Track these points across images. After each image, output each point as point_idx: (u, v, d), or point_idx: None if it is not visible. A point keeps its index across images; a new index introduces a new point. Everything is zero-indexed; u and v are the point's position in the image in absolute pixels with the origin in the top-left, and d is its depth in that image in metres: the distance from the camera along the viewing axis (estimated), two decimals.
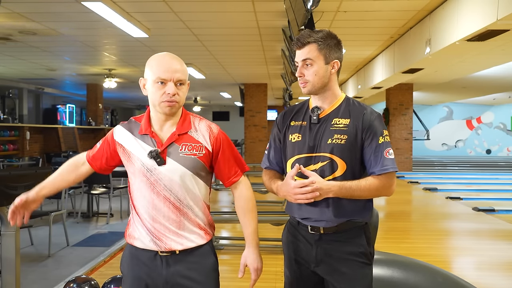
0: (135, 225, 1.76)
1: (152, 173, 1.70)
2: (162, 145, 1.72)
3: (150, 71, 1.70)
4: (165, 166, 1.69)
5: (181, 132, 1.74)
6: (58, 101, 17.42)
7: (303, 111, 1.91)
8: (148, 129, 1.74)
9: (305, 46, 1.81)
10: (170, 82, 1.67)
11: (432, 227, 6.17)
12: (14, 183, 2.86)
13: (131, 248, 1.77)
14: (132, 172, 1.74)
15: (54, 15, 5.98)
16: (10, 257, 2.76)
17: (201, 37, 7.20)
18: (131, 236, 1.77)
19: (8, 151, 10.73)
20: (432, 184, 10.50)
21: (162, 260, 1.71)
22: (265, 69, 10.65)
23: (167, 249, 1.71)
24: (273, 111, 22.30)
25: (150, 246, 1.71)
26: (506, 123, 20.68)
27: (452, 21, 5.09)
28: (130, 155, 1.74)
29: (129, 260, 1.77)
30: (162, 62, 1.69)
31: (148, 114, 1.78)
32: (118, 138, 1.78)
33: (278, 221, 4.98)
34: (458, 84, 12.24)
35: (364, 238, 1.83)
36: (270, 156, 1.96)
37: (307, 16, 4.00)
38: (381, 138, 1.78)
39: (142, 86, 1.75)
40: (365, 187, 1.74)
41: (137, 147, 1.73)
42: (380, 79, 8.79)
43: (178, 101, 1.70)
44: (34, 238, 5.35)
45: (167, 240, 1.71)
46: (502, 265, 4.49)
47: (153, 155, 1.69)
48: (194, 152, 1.73)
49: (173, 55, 1.73)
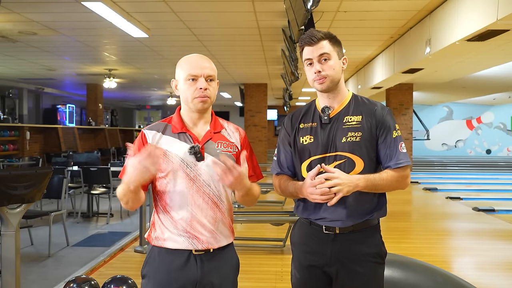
0: (163, 226, 1.74)
1: (192, 169, 1.71)
2: (199, 141, 1.74)
3: (181, 71, 1.76)
4: (204, 162, 1.72)
5: (215, 130, 1.79)
6: (58, 101, 17.42)
7: (311, 112, 1.89)
8: (183, 127, 1.76)
9: (320, 41, 1.79)
10: (201, 77, 1.72)
11: (432, 227, 6.17)
12: (14, 183, 2.86)
13: (160, 251, 1.73)
14: (170, 171, 1.71)
15: (54, 15, 5.98)
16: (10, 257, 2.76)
17: (201, 37, 7.20)
18: (159, 239, 1.74)
19: (8, 151, 10.73)
20: (432, 184, 10.51)
21: (196, 259, 1.71)
22: (265, 69, 10.65)
23: (203, 248, 1.71)
24: (273, 111, 22.32)
25: (185, 245, 1.70)
26: (506, 123, 20.67)
27: (452, 21, 5.09)
28: (166, 153, 1.72)
29: (158, 264, 1.73)
30: (191, 61, 1.76)
31: (179, 114, 1.81)
32: (152, 141, 1.76)
33: (278, 221, 4.98)
34: (458, 84, 12.24)
35: (378, 237, 1.84)
36: (280, 161, 1.93)
37: (307, 16, 4.00)
38: (394, 132, 1.81)
39: (174, 87, 1.79)
40: (387, 180, 1.77)
41: (174, 145, 1.74)
42: (380, 79, 8.79)
43: (210, 96, 1.74)
44: (34, 238, 5.35)
45: (203, 238, 1.71)
46: (502, 265, 4.49)
47: (195, 150, 1.71)
48: (229, 150, 1.78)
49: (200, 54, 1.80)
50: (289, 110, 18.17)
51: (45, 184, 3.10)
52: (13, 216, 2.84)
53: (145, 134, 1.78)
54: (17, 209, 2.88)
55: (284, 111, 20.46)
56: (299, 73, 7.80)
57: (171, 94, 16.83)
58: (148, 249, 1.81)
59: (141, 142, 1.76)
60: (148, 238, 1.80)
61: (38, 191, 3.04)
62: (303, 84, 13.12)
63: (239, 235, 5.63)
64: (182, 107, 1.81)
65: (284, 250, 4.75)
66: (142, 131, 1.80)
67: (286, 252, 4.69)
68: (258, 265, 4.37)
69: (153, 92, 16.77)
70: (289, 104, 16.62)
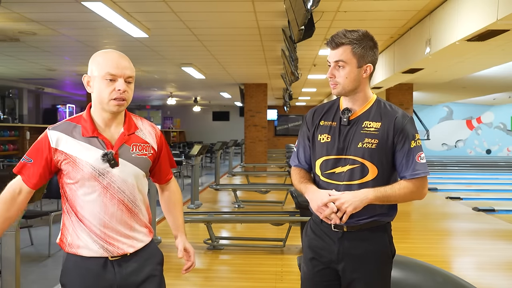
0: (77, 233, 1.65)
1: (105, 176, 1.63)
2: (113, 146, 1.65)
3: (97, 67, 1.63)
4: (118, 168, 1.64)
5: (129, 132, 1.70)
6: (58, 101, 17.41)
7: (333, 111, 1.89)
8: (94, 131, 1.64)
9: (339, 47, 1.77)
10: (120, 78, 1.62)
11: (432, 227, 6.17)
12: None
13: (75, 258, 1.66)
14: (80, 179, 1.62)
15: (54, 15, 5.97)
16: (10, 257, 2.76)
17: (201, 37, 7.20)
18: (73, 246, 1.66)
19: (8, 151, 10.73)
20: (432, 184, 10.49)
21: (114, 265, 1.66)
22: (265, 69, 10.64)
23: (119, 254, 1.66)
24: (273, 111, 22.31)
25: (100, 252, 1.64)
26: (506, 123, 20.67)
27: (452, 21, 5.09)
28: (76, 161, 1.62)
29: (74, 272, 1.67)
30: (111, 58, 1.64)
31: (90, 114, 1.68)
32: (57, 145, 1.63)
33: (278, 221, 4.98)
34: (458, 84, 12.24)
35: (387, 236, 1.85)
36: (299, 154, 1.96)
37: (307, 16, 4.00)
38: (413, 142, 1.78)
39: (86, 84, 1.67)
40: (400, 191, 1.76)
41: (84, 151, 1.62)
42: (380, 79, 8.79)
43: (127, 98, 1.65)
44: (34, 238, 5.35)
45: (119, 244, 1.66)
46: (502, 265, 4.49)
47: (108, 158, 1.61)
48: (144, 152, 1.72)
49: (119, 52, 1.68)
50: (289, 110, 18.17)
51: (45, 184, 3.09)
52: None
53: (48, 136, 1.64)
54: None
55: (284, 111, 20.46)
56: (299, 73, 7.80)
57: (171, 94, 16.82)
58: (63, 255, 1.73)
59: (43, 145, 1.63)
60: (60, 243, 1.71)
61: (38, 191, 3.02)
62: (303, 84, 13.12)
63: (239, 235, 5.63)
64: (93, 105, 1.68)
65: (284, 250, 4.75)
66: (46, 132, 1.65)
67: (286, 252, 4.69)
68: (258, 265, 4.37)
69: (153, 92, 16.76)
70: (289, 104, 16.60)
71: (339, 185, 1.79)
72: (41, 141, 1.65)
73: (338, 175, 1.80)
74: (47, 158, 1.64)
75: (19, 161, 1.68)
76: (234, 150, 14.94)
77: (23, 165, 1.66)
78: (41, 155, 1.64)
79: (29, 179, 1.65)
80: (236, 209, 7.24)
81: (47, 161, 1.64)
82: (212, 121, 23.99)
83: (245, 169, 12.57)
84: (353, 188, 1.77)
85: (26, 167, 1.66)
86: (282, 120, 23.08)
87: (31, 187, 1.67)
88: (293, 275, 3.93)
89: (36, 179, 1.66)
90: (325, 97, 17.72)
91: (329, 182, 1.82)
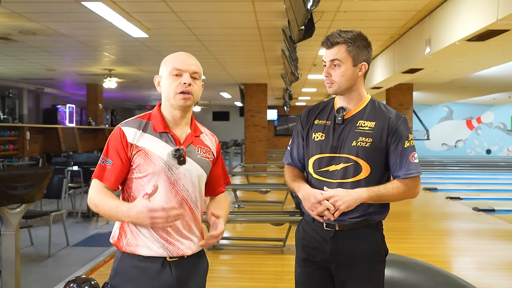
0: (136, 232, 1.63)
1: (173, 172, 1.64)
2: (181, 144, 1.67)
3: (165, 66, 1.71)
4: (185, 166, 1.66)
5: (196, 134, 1.74)
6: (58, 101, 17.41)
7: (327, 110, 1.91)
8: (166, 127, 1.68)
9: (334, 46, 1.80)
10: (186, 73, 1.67)
11: (432, 227, 6.17)
12: (14, 183, 2.85)
13: (133, 258, 1.63)
14: (151, 173, 1.62)
15: (54, 15, 5.97)
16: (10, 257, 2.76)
17: (201, 37, 7.20)
18: (131, 245, 1.64)
19: (8, 151, 10.73)
20: (432, 184, 10.50)
21: (171, 266, 1.64)
22: (265, 69, 10.64)
23: (178, 254, 1.64)
24: (273, 111, 22.31)
25: (160, 252, 1.62)
26: (506, 123, 20.67)
27: (452, 21, 5.09)
28: (148, 153, 1.63)
29: (130, 272, 1.63)
30: (177, 57, 1.71)
31: (160, 111, 1.72)
32: (133, 140, 1.64)
33: (278, 221, 4.98)
34: (458, 84, 12.24)
35: (379, 235, 1.86)
36: (292, 153, 1.97)
37: (307, 16, 4.00)
38: (406, 142, 1.81)
39: (157, 84, 1.73)
40: (393, 191, 1.78)
41: (156, 145, 1.64)
42: (380, 79, 8.79)
43: (193, 93, 1.68)
44: (34, 238, 5.35)
45: (179, 244, 1.64)
46: (502, 265, 4.49)
47: (180, 153, 1.63)
48: (207, 156, 1.74)
49: (188, 53, 1.75)
50: (289, 110, 18.17)
51: (45, 184, 3.10)
52: (13, 216, 2.84)
53: (124, 131, 1.65)
54: (17, 209, 2.88)
55: (284, 111, 20.46)
56: (299, 73, 7.80)
57: None
58: (117, 256, 1.68)
59: (121, 140, 1.64)
60: (116, 243, 1.68)
61: (38, 191, 3.04)
62: (303, 84, 13.12)
63: (239, 235, 5.63)
64: (163, 104, 1.73)
65: (284, 250, 4.75)
66: (120, 128, 1.67)
67: (286, 252, 4.69)
68: (258, 265, 4.37)
69: (153, 92, 16.75)
70: (289, 104, 16.61)
71: (332, 183, 1.81)
72: (117, 137, 1.65)
73: (332, 173, 1.82)
74: (125, 154, 1.64)
75: (99, 163, 1.66)
76: (234, 150, 14.95)
77: (101, 168, 1.65)
78: (120, 151, 1.64)
79: (113, 180, 1.64)
80: (236, 209, 7.24)
81: (125, 156, 1.64)
82: (212, 121, 24.00)
83: (245, 169, 12.57)
84: (346, 186, 1.79)
85: (103, 169, 1.64)
86: (282, 120, 23.09)
87: (111, 186, 1.65)
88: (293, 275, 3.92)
89: (118, 179, 1.65)
90: (325, 97, 17.72)
91: (322, 180, 1.83)
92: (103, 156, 1.66)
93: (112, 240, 1.70)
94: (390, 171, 1.84)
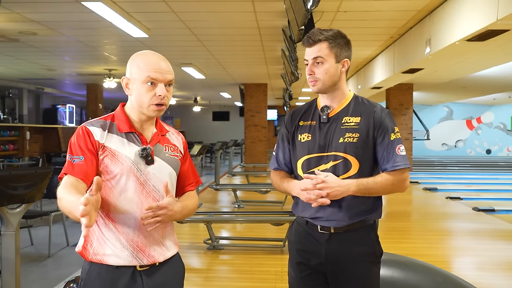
0: (104, 239, 1.54)
1: (142, 172, 1.57)
2: (148, 143, 1.61)
3: (137, 69, 1.58)
4: (154, 166, 1.59)
5: (162, 133, 1.69)
6: (58, 101, 17.41)
7: (311, 110, 1.91)
8: (131, 127, 1.61)
9: (316, 44, 1.80)
10: (161, 83, 1.57)
11: (432, 227, 6.17)
12: (14, 183, 2.85)
13: (100, 268, 1.53)
14: (118, 173, 1.55)
15: (54, 15, 5.97)
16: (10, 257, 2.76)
17: (201, 37, 7.20)
18: (98, 254, 1.53)
19: (8, 151, 10.73)
20: (432, 184, 10.51)
21: (142, 275, 1.55)
22: (265, 69, 10.64)
23: (149, 262, 1.56)
24: (273, 111, 22.31)
25: (129, 261, 1.53)
26: (506, 123, 20.66)
27: (452, 21, 5.09)
28: (115, 154, 1.56)
29: (98, 284, 1.53)
30: (152, 62, 1.58)
31: (124, 112, 1.65)
32: (101, 139, 1.57)
33: (278, 221, 4.98)
34: (458, 84, 12.24)
35: (373, 236, 1.85)
36: (278, 157, 1.95)
37: (307, 16, 4.00)
38: (392, 135, 1.81)
39: (125, 86, 1.62)
40: (381, 184, 1.77)
41: (123, 145, 1.58)
42: (380, 79, 8.78)
43: (167, 104, 1.60)
44: (34, 238, 5.35)
45: (151, 251, 1.56)
46: (502, 265, 4.49)
47: (147, 152, 1.57)
48: (176, 154, 1.69)
49: (159, 54, 1.63)
50: (289, 110, 18.17)
51: (45, 184, 3.10)
52: (13, 216, 2.84)
53: (90, 130, 1.57)
54: (17, 209, 2.88)
55: (284, 111, 20.46)
56: (299, 73, 7.80)
57: None
58: (84, 267, 1.57)
59: (89, 138, 1.55)
60: (82, 252, 1.56)
61: (38, 191, 3.03)
62: (303, 84, 13.12)
63: (239, 235, 5.63)
64: (130, 106, 1.64)
65: (284, 250, 4.75)
66: (85, 127, 1.58)
67: (286, 252, 4.68)
68: (258, 265, 4.37)
69: None
70: (289, 104, 16.61)
71: None
72: (83, 136, 1.56)
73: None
74: (93, 151, 1.54)
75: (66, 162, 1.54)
76: (234, 150, 14.94)
77: (70, 164, 1.52)
78: (86, 148, 1.54)
79: (83, 172, 1.51)
80: (236, 209, 7.24)
81: (93, 153, 1.54)
82: (212, 121, 23.99)
83: (245, 169, 12.57)
84: None
85: (70, 165, 1.52)
86: (282, 120, 23.07)
87: (84, 180, 1.51)
88: None
89: (90, 175, 1.51)
90: None
91: None
92: (70, 155, 1.55)
93: (77, 249, 1.58)
94: (379, 165, 1.83)
